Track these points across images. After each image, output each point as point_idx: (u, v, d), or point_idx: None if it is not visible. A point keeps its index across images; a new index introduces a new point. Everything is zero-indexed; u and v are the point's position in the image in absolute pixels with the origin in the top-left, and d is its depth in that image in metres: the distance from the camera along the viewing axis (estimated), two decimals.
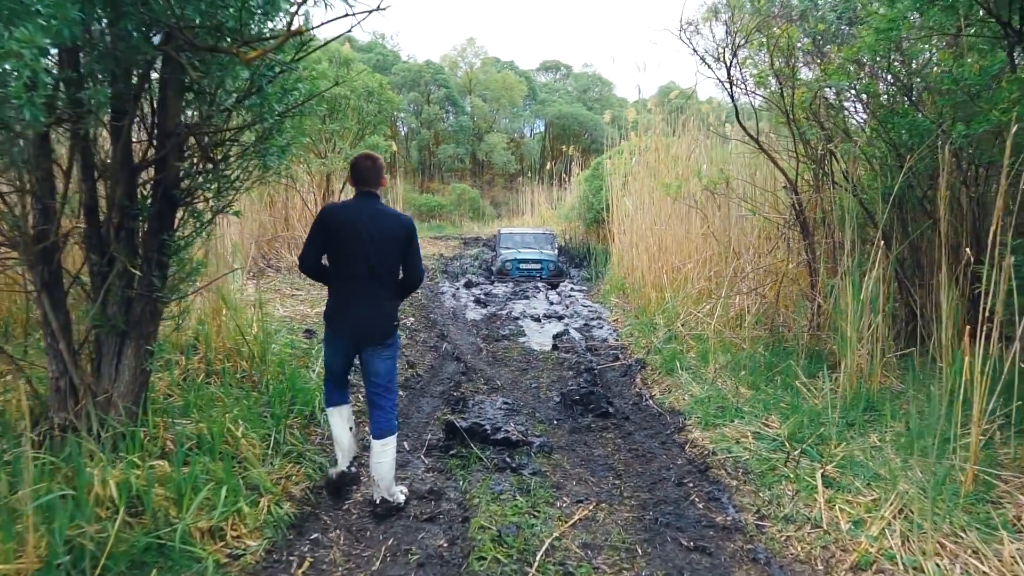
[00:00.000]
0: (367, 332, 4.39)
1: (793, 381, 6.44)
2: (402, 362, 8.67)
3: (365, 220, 4.26)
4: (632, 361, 8.62)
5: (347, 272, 4.35)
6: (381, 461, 4.41)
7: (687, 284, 9.81)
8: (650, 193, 11.55)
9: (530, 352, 9.54)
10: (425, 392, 7.61)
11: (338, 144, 15.56)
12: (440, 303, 13.56)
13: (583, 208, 21.55)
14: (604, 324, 11.39)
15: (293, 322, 10.02)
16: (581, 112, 44.47)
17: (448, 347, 9.85)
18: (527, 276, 17.27)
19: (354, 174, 4.42)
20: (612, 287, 14.02)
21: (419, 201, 36.26)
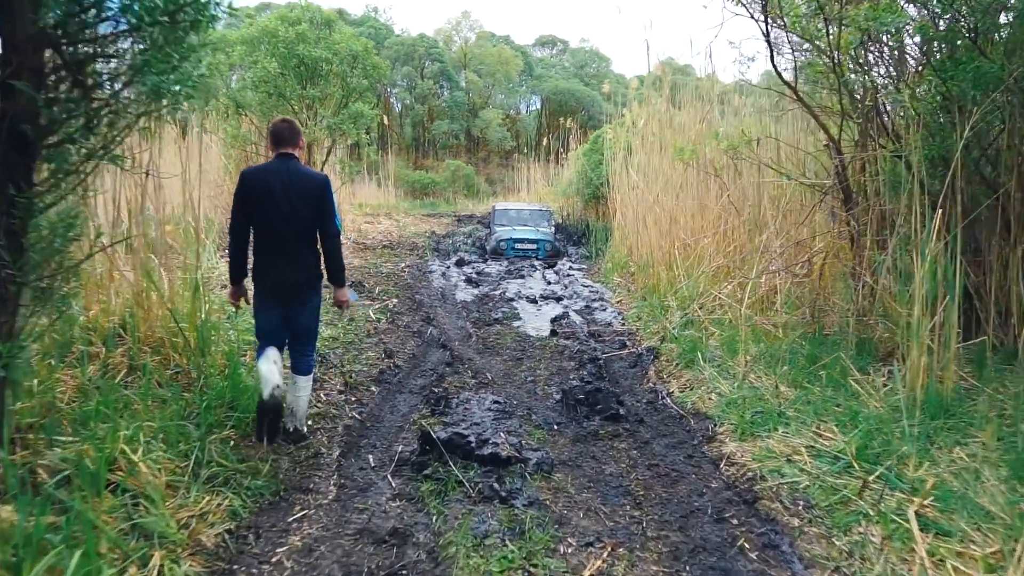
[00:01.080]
0: (293, 287, 4.59)
1: (844, 378, 5.24)
2: (379, 351, 7.47)
3: (283, 180, 4.44)
4: (642, 350, 7.41)
5: (269, 231, 4.49)
6: (299, 396, 4.78)
7: (702, 261, 8.58)
8: (659, 160, 10.29)
9: (525, 338, 8.33)
10: (403, 387, 6.40)
11: (320, 112, 14.26)
12: (428, 283, 12.33)
13: (581, 183, 20.28)
14: (607, 306, 10.18)
15: None
16: (578, 88, 42.98)
17: (434, 332, 8.64)
18: (522, 256, 16.03)
19: (272, 137, 4.64)
20: (614, 265, 12.80)
21: (412, 178, 34.92)
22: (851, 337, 5.63)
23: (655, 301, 8.81)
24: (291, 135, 4.61)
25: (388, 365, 7.00)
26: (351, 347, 7.64)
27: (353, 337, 8.04)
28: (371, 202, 29.44)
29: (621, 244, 13.25)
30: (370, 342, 7.92)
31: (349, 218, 21.49)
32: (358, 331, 8.33)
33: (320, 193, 4.53)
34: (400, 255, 16.03)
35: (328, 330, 8.18)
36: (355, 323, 8.75)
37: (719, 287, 7.89)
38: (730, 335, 6.57)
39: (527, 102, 47.77)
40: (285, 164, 4.51)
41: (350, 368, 6.75)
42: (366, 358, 7.23)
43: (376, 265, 13.75)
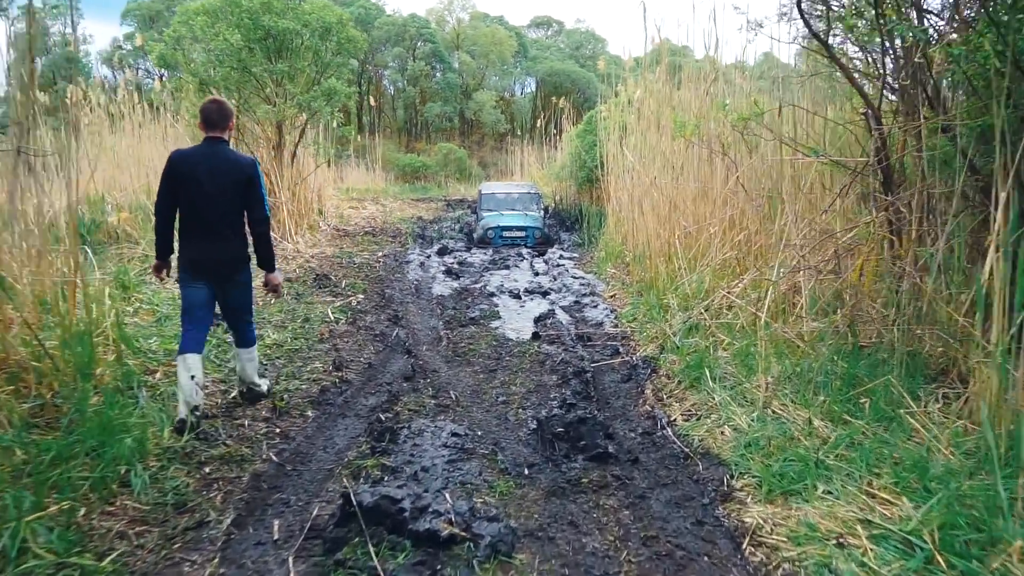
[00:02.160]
0: (219, 269, 4.62)
1: (895, 409, 4.03)
2: (328, 361, 6.26)
3: (208, 164, 4.46)
4: (638, 360, 6.20)
5: (195, 214, 4.49)
6: (246, 366, 4.91)
7: (707, 253, 7.35)
8: (656, 139, 9.01)
9: (503, 343, 7.11)
10: (347, 410, 5.19)
11: (289, 89, 12.96)
12: (403, 274, 11.08)
13: (575, 166, 18.99)
14: (599, 302, 8.95)
15: None
16: (573, 69, 41.51)
17: (400, 334, 7.43)
18: (511, 244, 14.78)
19: (202, 119, 4.59)
20: (608, 254, 11.56)
21: (403, 161, 33.57)
22: (898, 355, 4.40)
23: (652, 299, 7.58)
24: (220, 118, 4.57)
25: (335, 380, 5.79)
26: (296, 356, 6.42)
27: (302, 343, 6.83)
28: (359, 186, 28.17)
29: (615, 231, 12.01)
30: (321, 349, 6.70)
31: (332, 203, 20.24)
32: (310, 335, 7.12)
33: (247, 178, 4.55)
34: (380, 243, 14.80)
35: (274, 334, 6.98)
36: (309, 324, 7.53)
37: (727, 284, 6.66)
38: (744, 346, 5.34)
39: (522, 84, 46.38)
40: (213, 148, 4.54)
41: (285, 387, 5.53)
42: (310, 371, 6.01)
43: (350, 255, 12.51)
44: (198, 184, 4.43)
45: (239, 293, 4.82)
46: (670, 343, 6.08)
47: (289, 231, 13.01)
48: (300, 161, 14.99)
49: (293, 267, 10.79)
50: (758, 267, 6.19)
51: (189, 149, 4.64)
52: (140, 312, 7.12)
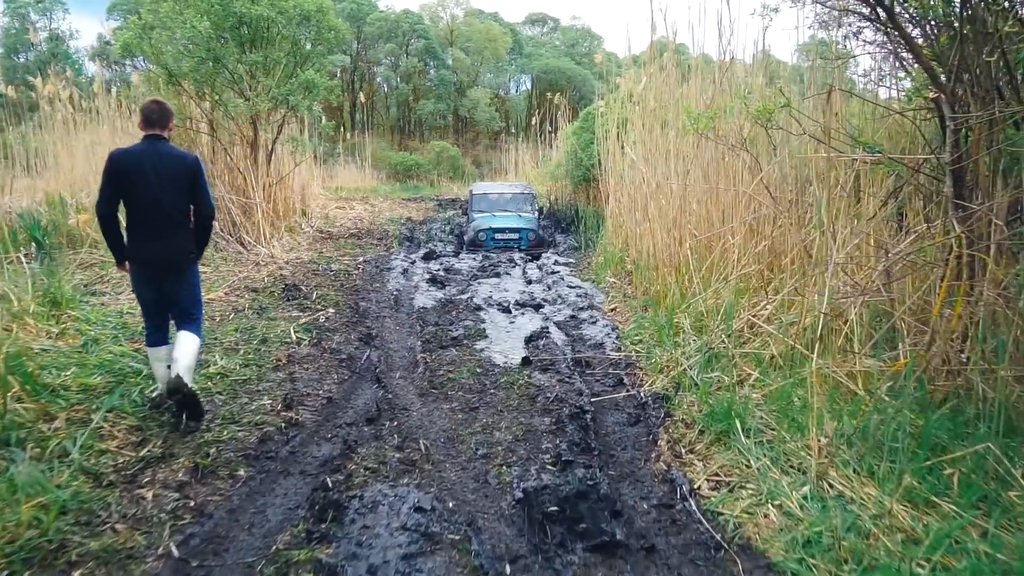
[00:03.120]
0: (164, 265, 4.60)
1: (1000, 490, 2.98)
2: (277, 398, 5.19)
3: (150, 162, 4.43)
4: (647, 396, 5.13)
5: (139, 213, 4.50)
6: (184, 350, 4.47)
7: (725, 265, 6.30)
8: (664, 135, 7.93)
9: (489, 370, 6.04)
10: (290, 467, 4.13)
11: (263, 81, 11.87)
12: (382, 283, 10.00)
13: (571, 165, 17.92)
14: (598, 317, 7.89)
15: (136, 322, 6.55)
16: (569, 66, 40.33)
17: (371, 358, 6.39)
18: (503, 247, 13.70)
19: (142, 118, 4.55)
20: (607, 261, 10.49)
21: (395, 160, 32.41)
22: (996, 407, 3.35)
23: (660, 317, 6.51)
24: (160, 117, 4.57)
25: (281, 424, 4.72)
26: (242, 390, 5.36)
27: (252, 372, 5.76)
28: (349, 185, 27.08)
29: (614, 235, 10.95)
30: (274, 379, 5.64)
31: (318, 203, 19.16)
32: (264, 361, 6.05)
33: (190, 175, 4.55)
34: (364, 246, 13.73)
35: (222, 360, 5.91)
36: (266, 346, 6.47)
37: (749, 301, 5.61)
38: (783, 389, 4.28)
39: (516, 81, 45.17)
40: (154, 146, 4.50)
41: (217, 436, 4.47)
42: (254, 411, 4.95)
43: (329, 261, 11.44)
44: (142, 182, 4.42)
45: (186, 289, 4.74)
46: (686, 378, 5.01)
47: (263, 234, 11.93)
48: (279, 159, 13.94)
49: (263, 275, 9.73)
50: (794, 284, 5.13)
51: (130, 147, 4.58)
52: (67, 335, 6.05)
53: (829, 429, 3.55)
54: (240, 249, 11.57)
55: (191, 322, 4.72)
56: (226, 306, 7.93)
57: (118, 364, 5.41)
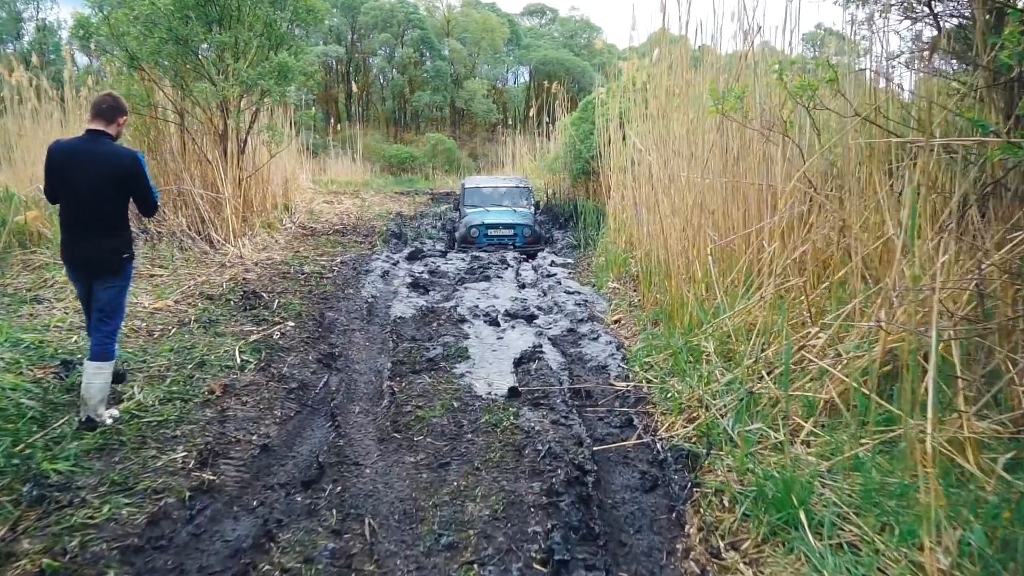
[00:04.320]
0: (91, 266, 4.29)
1: None
2: (195, 448, 4.02)
3: (84, 157, 4.17)
4: (666, 451, 3.95)
5: (69, 207, 4.26)
6: (91, 383, 4.18)
7: (756, 275, 5.11)
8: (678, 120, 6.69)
9: (468, 405, 4.86)
10: (185, 563, 2.96)
11: (232, 64, 10.65)
12: (357, 288, 8.79)
13: (569, 157, 16.74)
14: (600, 331, 6.70)
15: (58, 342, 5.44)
16: (568, 58, 38.96)
17: (331, 383, 5.24)
18: (498, 244, 12.49)
19: (91, 110, 4.30)
20: (609, 262, 9.32)
21: (389, 152, 31.17)
22: None
23: (676, 339, 5.33)
24: (107, 110, 4.27)
25: (189, 490, 3.55)
26: (153, 436, 4.18)
27: (175, 408, 4.59)
28: (341, 179, 25.87)
29: (617, 234, 9.77)
30: (200, 419, 4.46)
31: (304, 198, 17.96)
32: (193, 392, 4.87)
33: (126, 175, 4.23)
34: (346, 244, 12.53)
35: (141, 392, 4.74)
36: (202, 372, 5.30)
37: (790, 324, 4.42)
38: (858, 458, 3.09)
39: (514, 73, 43.84)
40: (92, 141, 4.22)
41: (93, 512, 3.29)
42: (159, 469, 3.78)
43: (302, 261, 10.24)
44: (72, 178, 4.17)
45: (106, 294, 4.33)
46: (717, 428, 3.83)
47: (232, 232, 10.73)
48: (255, 151, 12.74)
49: (224, 279, 8.54)
50: (853, 304, 3.95)
51: (68, 140, 4.34)
52: None
53: (950, 540, 2.37)
54: (207, 249, 10.39)
55: (103, 334, 4.32)
56: (171, 317, 6.75)
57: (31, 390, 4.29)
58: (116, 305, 4.38)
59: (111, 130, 4.29)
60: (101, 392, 4.22)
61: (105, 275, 4.29)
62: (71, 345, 5.69)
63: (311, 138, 26.35)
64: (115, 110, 4.30)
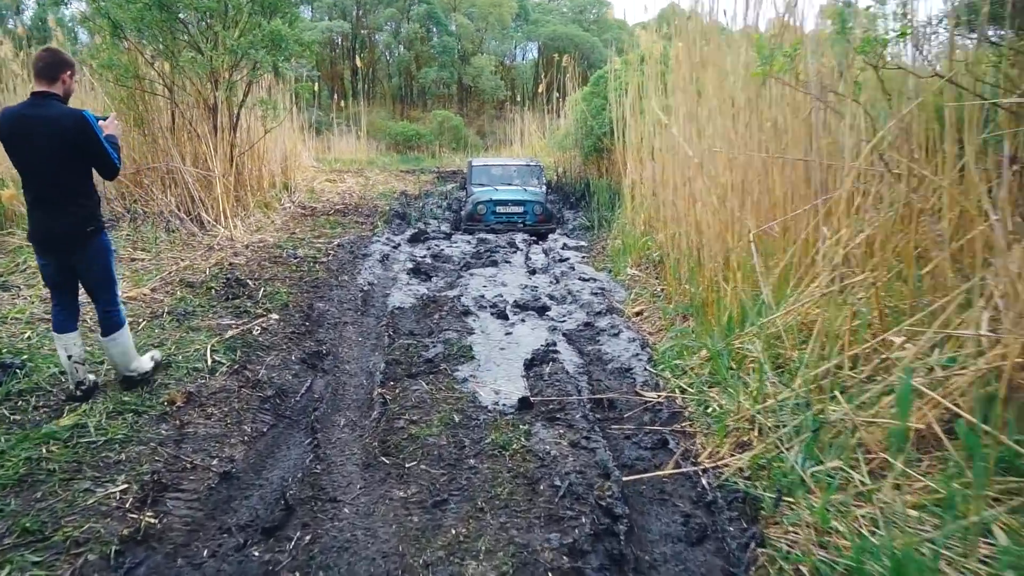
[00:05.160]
0: (58, 240, 3.92)
1: None
2: (139, 479, 3.27)
3: (30, 123, 3.75)
4: (714, 488, 3.17)
5: (29, 180, 3.88)
6: (111, 353, 4.13)
7: (810, 264, 4.31)
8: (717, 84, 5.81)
9: (471, 420, 4.09)
10: None
11: (220, 32, 9.81)
12: (353, 274, 8.01)
13: (580, 134, 15.84)
14: (620, 325, 5.92)
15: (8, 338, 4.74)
16: (577, 33, 37.78)
17: (315, 388, 4.50)
18: (506, 223, 11.68)
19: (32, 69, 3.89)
20: (627, 246, 8.51)
21: (395, 130, 30.26)
22: None
23: (716, 340, 4.53)
24: (47, 68, 3.81)
25: (119, 540, 2.80)
26: (93, 460, 3.43)
27: (126, 423, 3.83)
28: (346, 157, 25.04)
29: (635, 215, 8.95)
30: (153, 437, 3.71)
31: (305, 176, 17.16)
32: (149, 404, 4.11)
33: (75, 136, 3.75)
34: (346, 225, 11.74)
35: (89, 402, 4.01)
36: (167, 375, 4.54)
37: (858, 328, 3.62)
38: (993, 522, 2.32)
39: (522, 49, 42.69)
40: (38, 105, 3.78)
41: None
42: (87, 509, 3.03)
43: (296, 244, 9.47)
44: (24, 147, 3.78)
45: (92, 269, 4.02)
46: (781, 464, 3.04)
47: (223, 213, 9.95)
48: (249, 126, 11.93)
49: (209, 264, 7.78)
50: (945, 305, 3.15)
51: (14, 107, 3.89)
52: None
53: None
54: (195, 231, 9.63)
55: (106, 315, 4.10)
56: (143, 308, 6.00)
57: None
58: (104, 279, 4.08)
59: (56, 89, 3.84)
60: (124, 356, 4.14)
61: (76, 253, 3.94)
62: (22, 342, 4.96)
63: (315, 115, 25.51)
64: (55, 66, 3.83)
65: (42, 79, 3.83)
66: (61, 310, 4.06)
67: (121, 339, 4.14)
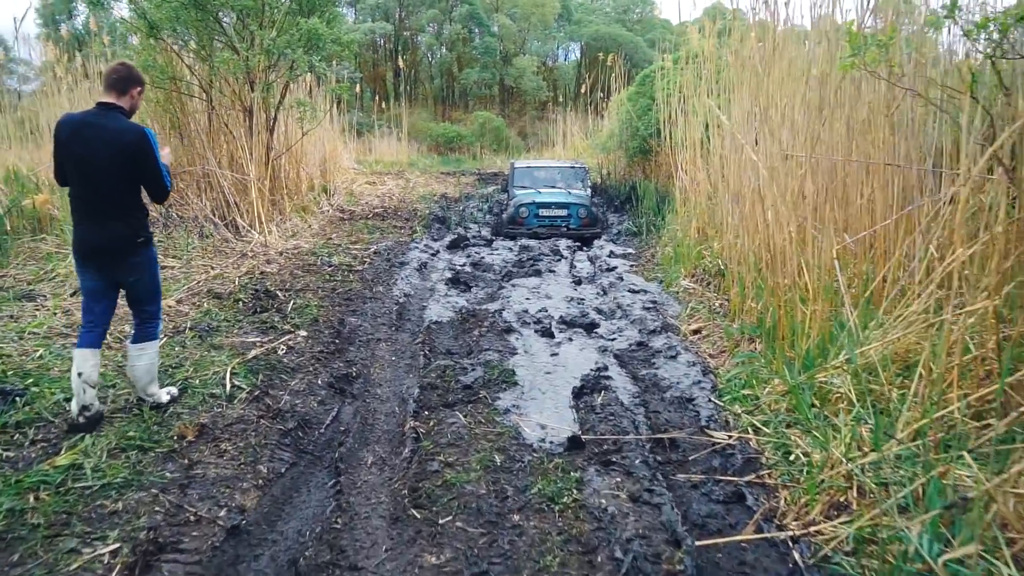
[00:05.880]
0: (104, 256, 3.80)
1: None
2: (131, 543, 2.81)
3: (89, 133, 3.69)
4: (807, 560, 2.62)
5: (79, 191, 3.78)
6: (134, 364, 3.96)
7: (906, 283, 3.69)
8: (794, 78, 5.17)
9: (514, 461, 3.57)
10: None
11: (256, 31, 9.46)
12: (389, 285, 7.54)
13: (625, 135, 15.24)
14: (677, 345, 5.35)
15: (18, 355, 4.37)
16: (620, 33, 37.03)
17: (342, 416, 4.03)
18: (549, 227, 11.14)
19: (103, 79, 3.85)
20: (680, 255, 7.91)
21: (436, 131, 29.91)
22: None
23: (792, 369, 3.94)
24: (119, 82, 3.78)
25: None
26: (85, 510, 3.00)
27: (126, 464, 3.39)
28: (387, 159, 24.75)
29: (688, 221, 8.35)
30: (156, 482, 3.26)
31: (345, 179, 16.85)
32: (159, 436, 3.68)
33: (134, 151, 3.70)
34: (385, 230, 11.32)
35: (92, 436, 3.59)
36: (183, 400, 4.11)
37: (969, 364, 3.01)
38: None
39: (565, 50, 42.09)
40: (100, 116, 3.72)
41: None
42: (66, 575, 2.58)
43: (332, 251, 9.06)
44: (80, 155, 3.68)
45: (136, 281, 3.90)
46: (892, 545, 2.46)
47: (258, 218, 9.59)
48: (287, 128, 11.59)
49: (240, 273, 7.40)
50: None
51: (77, 114, 3.78)
52: None
53: None
54: (229, 236, 9.28)
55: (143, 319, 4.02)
56: (166, 323, 5.61)
57: None
58: (152, 290, 4.02)
59: (123, 103, 3.82)
60: (148, 373, 4.00)
61: (122, 267, 3.85)
62: (32, 362, 4.59)
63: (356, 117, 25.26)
64: (127, 80, 3.82)
65: (112, 91, 3.79)
66: (94, 326, 3.86)
67: (150, 351, 4.01)
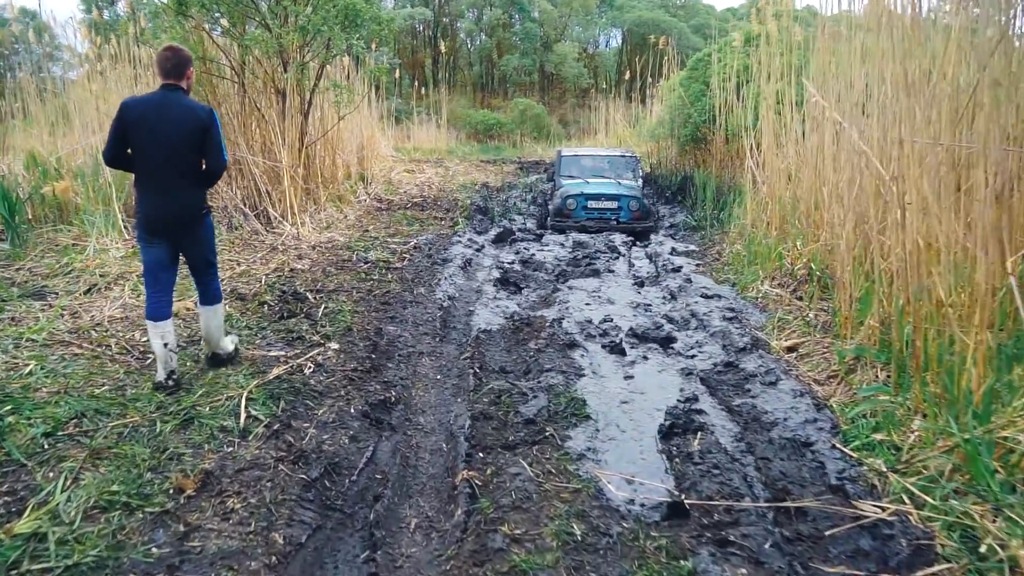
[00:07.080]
0: (175, 225, 4.02)
1: None
2: None
3: (160, 112, 3.90)
4: None
5: (148, 167, 3.96)
6: (208, 325, 4.23)
7: None
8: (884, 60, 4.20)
9: (600, 532, 2.72)
10: None
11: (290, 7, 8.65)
12: (431, 285, 6.72)
13: (676, 123, 14.22)
14: (774, 367, 4.44)
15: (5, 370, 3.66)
16: (664, 18, 35.70)
17: (378, 457, 3.23)
18: (598, 219, 10.24)
19: (157, 67, 4.04)
20: (756, 256, 6.97)
21: (475, 118, 29.04)
22: None
23: (969, 426, 3.02)
24: (175, 66, 3.97)
25: None
26: None
27: (105, 527, 2.62)
28: (425, 146, 24.00)
29: (761, 215, 7.41)
30: (132, 559, 2.48)
31: (384, 166, 16.10)
32: (152, 486, 2.91)
33: (202, 128, 3.94)
34: (424, 221, 10.53)
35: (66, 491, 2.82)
36: (186, 435, 3.35)
37: None
38: None
39: (607, 36, 40.84)
40: (167, 97, 3.93)
41: None
42: None
43: (368, 245, 8.28)
44: (151, 135, 3.86)
45: (198, 249, 4.14)
46: None
47: (291, 208, 8.85)
48: (321, 113, 10.83)
49: (269, 269, 6.65)
50: None
51: (142, 96, 4.04)
52: None
53: None
54: (259, 228, 8.56)
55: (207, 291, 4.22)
56: (181, 329, 4.87)
57: None
58: (212, 254, 4.25)
59: (183, 84, 4.01)
60: (219, 330, 4.24)
61: (191, 233, 4.07)
62: (20, 379, 3.87)
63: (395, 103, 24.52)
64: (182, 64, 3.98)
65: (170, 75, 3.94)
66: (160, 297, 4.00)
67: (220, 311, 4.27)
